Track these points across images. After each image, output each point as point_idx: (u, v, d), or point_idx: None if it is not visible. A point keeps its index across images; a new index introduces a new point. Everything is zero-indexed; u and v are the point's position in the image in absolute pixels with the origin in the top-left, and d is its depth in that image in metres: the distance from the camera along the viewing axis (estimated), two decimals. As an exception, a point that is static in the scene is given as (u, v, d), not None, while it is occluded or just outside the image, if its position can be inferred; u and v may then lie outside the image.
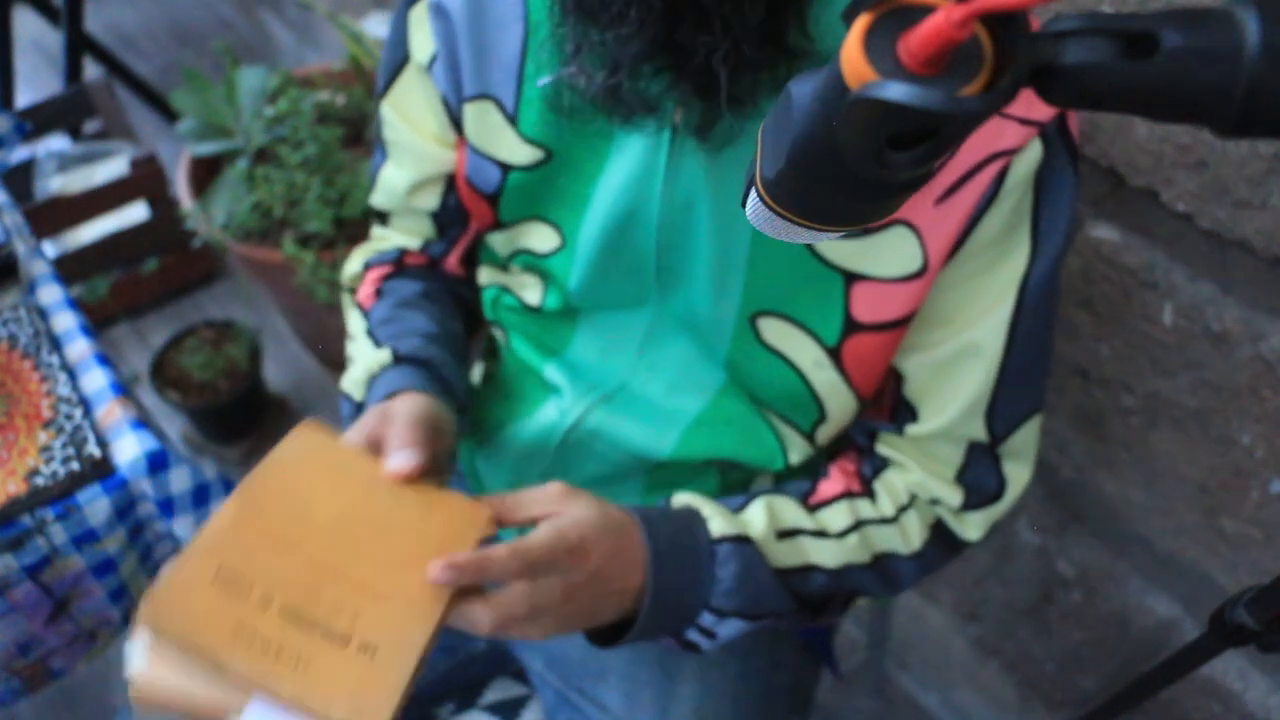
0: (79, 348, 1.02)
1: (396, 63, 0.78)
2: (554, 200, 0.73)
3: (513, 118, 0.71)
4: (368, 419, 0.65)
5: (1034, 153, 0.61)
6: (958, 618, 1.33)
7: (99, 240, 1.90)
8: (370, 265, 0.89)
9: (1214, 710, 1.01)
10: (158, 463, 0.94)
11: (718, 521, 0.68)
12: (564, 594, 0.59)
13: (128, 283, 2.00)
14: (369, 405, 0.71)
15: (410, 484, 0.61)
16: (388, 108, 0.81)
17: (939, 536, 0.76)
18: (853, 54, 0.33)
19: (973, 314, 0.67)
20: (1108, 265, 0.89)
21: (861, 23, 0.34)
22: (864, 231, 0.64)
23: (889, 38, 0.33)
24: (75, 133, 2.16)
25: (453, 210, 0.84)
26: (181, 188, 1.72)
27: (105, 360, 1.01)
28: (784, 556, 0.71)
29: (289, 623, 0.54)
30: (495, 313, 0.86)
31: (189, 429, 1.82)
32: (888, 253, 0.65)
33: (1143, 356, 0.91)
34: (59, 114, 1.97)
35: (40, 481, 0.90)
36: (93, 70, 2.32)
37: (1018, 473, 0.74)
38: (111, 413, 0.96)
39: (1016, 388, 0.69)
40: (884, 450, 0.76)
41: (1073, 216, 0.65)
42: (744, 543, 0.68)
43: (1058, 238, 0.65)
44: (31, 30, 2.57)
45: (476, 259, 0.88)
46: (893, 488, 0.76)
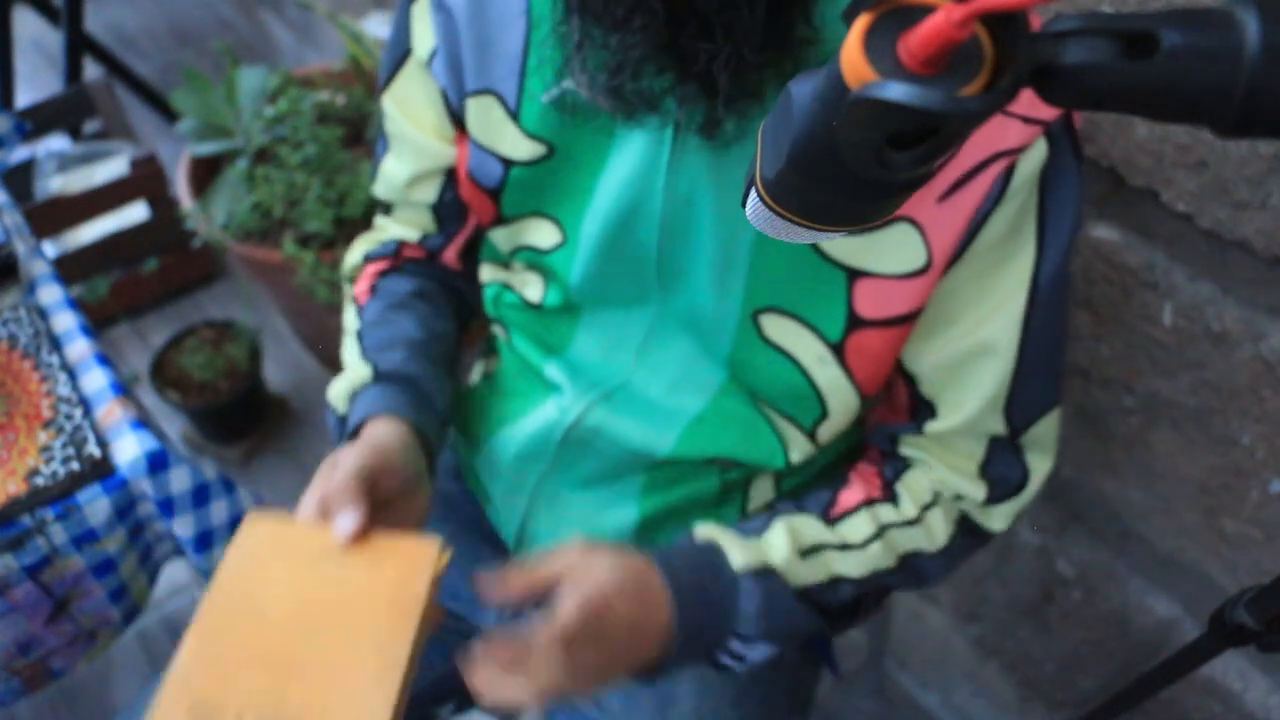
0: (79, 348, 1.02)
1: (398, 57, 0.78)
2: (556, 196, 0.73)
3: (515, 113, 0.71)
4: (319, 477, 0.66)
5: (1039, 152, 0.61)
6: (958, 618, 1.33)
7: (99, 240, 1.90)
8: (369, 258, 0.90)
9: (1214, 710, 1.01)
10: (158, 463, 0.94)
11: (738, 555, 0.70)
12: (599, 655, 0.62)
13: (128, 283, 2.00)
14: (350, 421, 0.74)
15: (360, 541, 0.61)
16: (389, 101, 0.81)
17: (964, 530, 0.77)
18: (853, 54, 0.33)
19: (983, 313, 0.67)
20: (1108, 265, 0.89)
21: (861, 23, 0.34)
22: (866, 230, 0.64)
23: (889, 38, 0.33)
24: (75, 133, 2.16)
25: (450, 204, 0.84)
26: (181, 188, 1.72)
27: (105, 360, 1.01)
28: (808, 574, 0.73)
29: None
30: (496, 310, 0.86)
31: (189, 429, 1.82)
32: (891, 249, 0.65)
33: (1143, 356, 0.91)
34: (59, 114, 1.97)
35: (40, 481, 0.90)
36: (93, 70, 2.32)
37: (1039, 462, 0.75)
38: (111, 413, 0.96)
39: (1033, 382, 0.70)
40: (906, 451, 0.77)
41: (1079, 212, 0.65)
42: (766, 574, 0.70)
43: (1064, 235, 0.65)
44: (31, 30, 2.57)
45: (476, 253, 0.89)
46: (915, 487, 0.77)
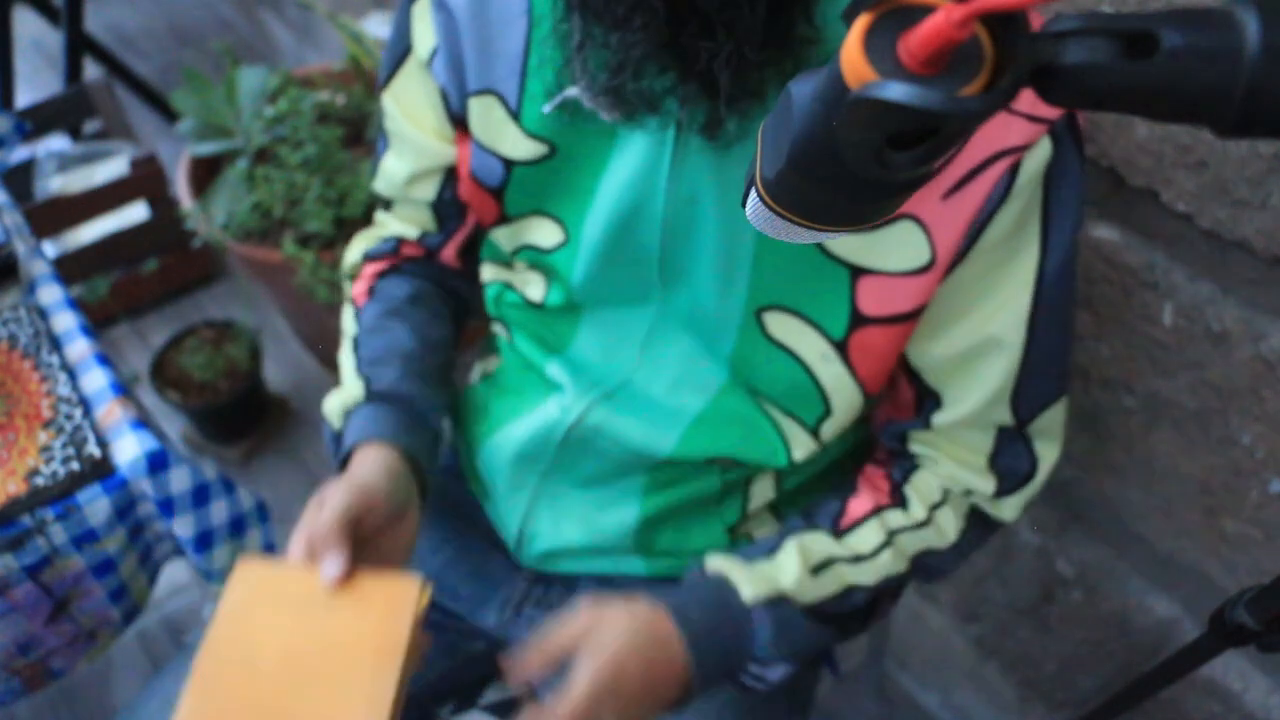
0: (79, 348, 1.02)
1: (398, 55, 0.78)
2: (558, 195, 0.73)
3: (515, 113, 0.71)
4: (307, 515, 0.68)
5: (1044, 150, 0.62)
6: (958, 618, 1.33)
7: (99, 240, 1.90)
8: (369, 257, 0.91)
9: (1214, 710, 1.01)
10: (158, 463, 0.94)
11: (749, 588, 0.73)
12: (620, 712, 0.66)
13: (128, 283, 2.00)
14: (344, 443, 0.76)
15: (345, 583, 0.64)
16: (389, 99, 0.81)
17: (975, 523, 0.78)
18: (853, 54, 0.33)
19: (988, 310, 0.67)
20: (1108, 265, 0.89)
21: (861, 23, 0.34)
22: (866, 230, 0.64)
23: (889, 38, 0.33)
24: (75, 133, 2.16)
25: (449, 203, 0.84)
26: (181, 188, 1.72)
27: (105, 360, 1.01)
28: (821, 589, 0.75)
29: None
30: (498, 309, 0.86)
31: (189, 429, 1.82)
32: (895, 247, 0.65)
33: (1143, 356, 0.90)
34: (59, 114, 1.97)
35: (40, 481, 0.90)
36: (93, 70, 2.32)
37: (1048, 451, 0.76)
38: (111, 413, 0.96)
39: (1040, 374, 0.70)
40: (915, 448, 0.77)
41: (1082, 208, 0.66)
42: (777, 602, 0.73)
43: (1068, 232, 0.66)
44: (31, 30, 2.57)
45: (475, 252, 0.89)
46: (924, 488, 0.77)
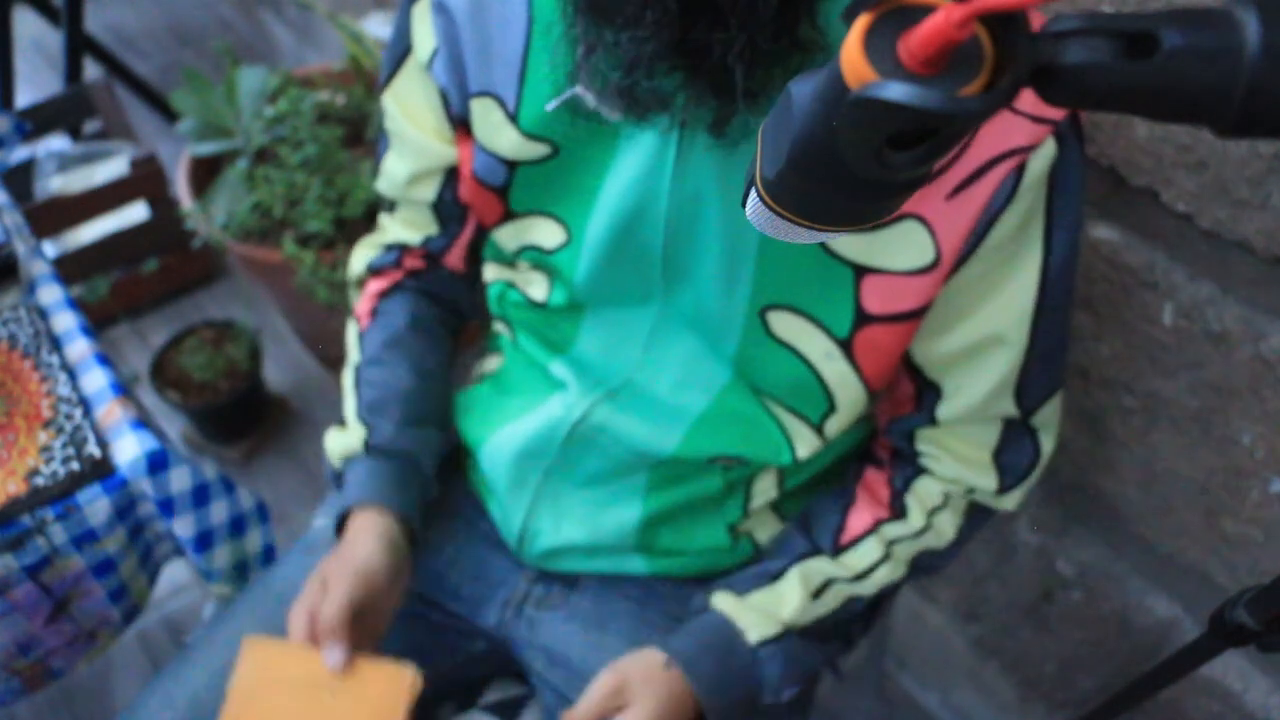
0: (79, 348, 1.02)
1: (399, 55, 0.79)
2: (560, 195, 0.73)
3: (514, 115, 0.71)
4: (309, 593, 0.77)
5: (1049, 150, 0.62)
6: (958, 618, 1.33)
7: (99, 240, 1.89)
8: (372, 270, 0.92)
9: (1214, 710, 1.01)
10: (158, 463, 0.94)
11: (755, 632, 0.78)
12: None
13: (128, 283, 2.00)
14: (345, 493, 0.83)
15: (346, 668, 0.74)
16: (389, 99, 0.82)
17: (973, 515, 0.80)
18: (853, 54, 0.33)
19: (993, 308, 0.68)
20: (1108, 265, 0.89)
21: (862, 22, 0.33)
22: (869, 229, 0.65)
23: (889, 38, 0.33)
24: (75, 133, 2.16)
25: (450, 203, 0.84)
26: (181, 188, 1.72)
27: (105, 360, 1.01)
28: (823, 607, 0.79)
29: None
30: (501, 308, 0.86)
31: (189, 429, 1.82)
32: (899, 246, 0.65)
33: (1143, 356, 0.90)
34: (59, 114, 1.97)
35: (40, 481, 0.90)
36: (93, 70, 2.32)
37: (1047, 442, 0.77)
38: (111, 413, 0.96)
39: (1042, 367, 0.71)
40: (921, 446, 0.78)
41: (1083, 206, 0.67)
42: (782, 638, 0.79)
43: (1071, 231, 0.66)
44: (31, 30, 2.57)
45: (479, 253, 0.89)
46: (924, 495, 0.79)
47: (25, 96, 2.34)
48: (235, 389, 1.73)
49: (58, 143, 2.11)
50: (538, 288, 0.80)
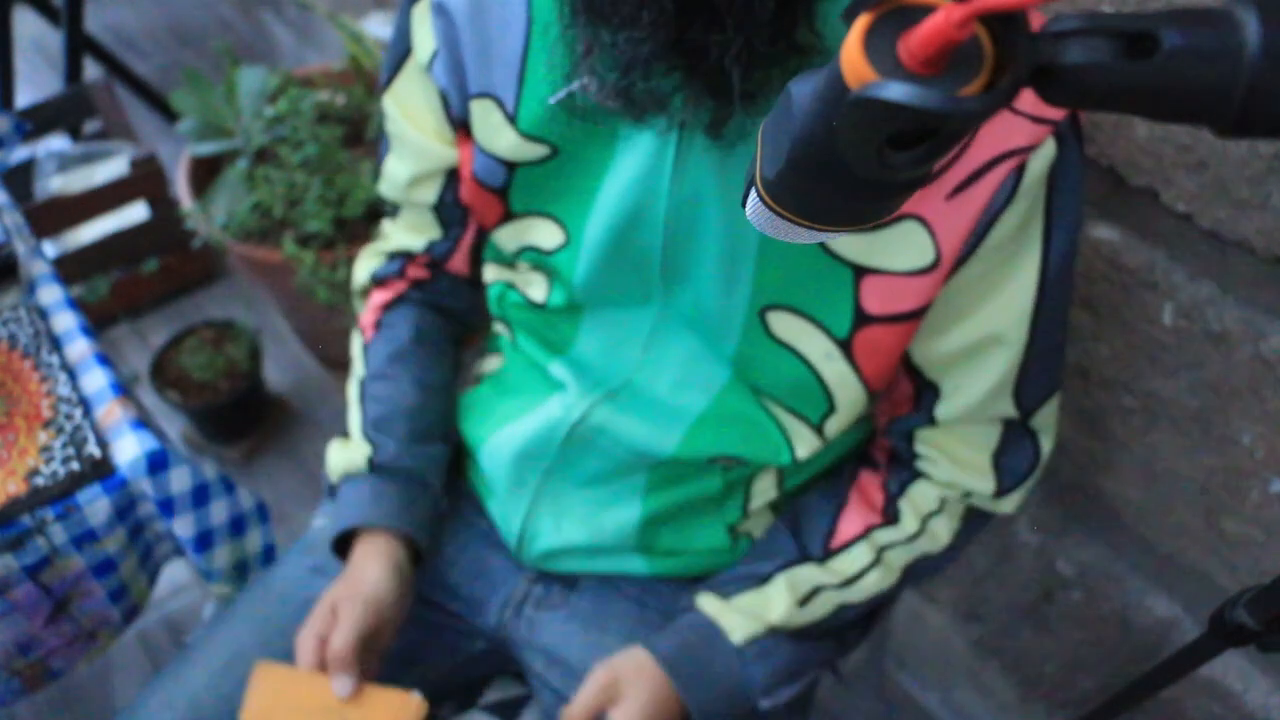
0: (79, 348, 1.02)
1: (399, 57, 0.79)
2: (559, 196, 0.73)
3: (513, 116, 0.71)
4: (317, 618, 0.79)
5: (1048, 151, 0.62)
6: (958, 618, 1.33)
7: (99, 240, 1.89)
8: (376, 280, 0.92)
9: (1214, 710, 1.01)
10: (158, 463, 0.94)
11: (739, 633, 0.79)
12: None
13: (128, 283, 2.00)
14: (349, 511, 0.84)
15: (354, 696, 0.77)
16: (390, 101, 0.82)
17: (970, 520, 0.80)
18: (853, 54, 0.33)
19: (992, 308, 0.68)
20: (1108, 265, 0.89)
21: (862, 22, 0.33)
22: (869, 229, 0.65)
23: (889, 38, 0.33)
24: (75, 133, 2.16)
25: (451, 205, 0.84)
26: (181, 188, 1.72)
27: (105, 360, 1.01)
28: (811, 614, 0.79)
29: None
30: (501, 309, 0.86)
31: (189, 429, 1.82)
32: (899, 246, 0.65)
33: (1143, 356, 0.90)
34: (59, 114, 1.96)
35: (40, 481, 0.90)
36: (93, 70, 2.32)
37: (1046, 444, 0.77)
38: (111, 413, 0.96)
39: (1041, 367, 0.71)
40: (919, 448, 0.78)
41: (1083, 206, 0.67)
42: (766, 638, 0.79)
43: (1070, 230, 0.66)
44: (31, 30, 2.57)
45: (483, 257, 0.89)
46: (919, 501, 0.79)
47: (25, 96, 2.33)
48: (235, 389, 1.73)
49: (58, 143, 2.11)
50: (537, 288, 0.80)
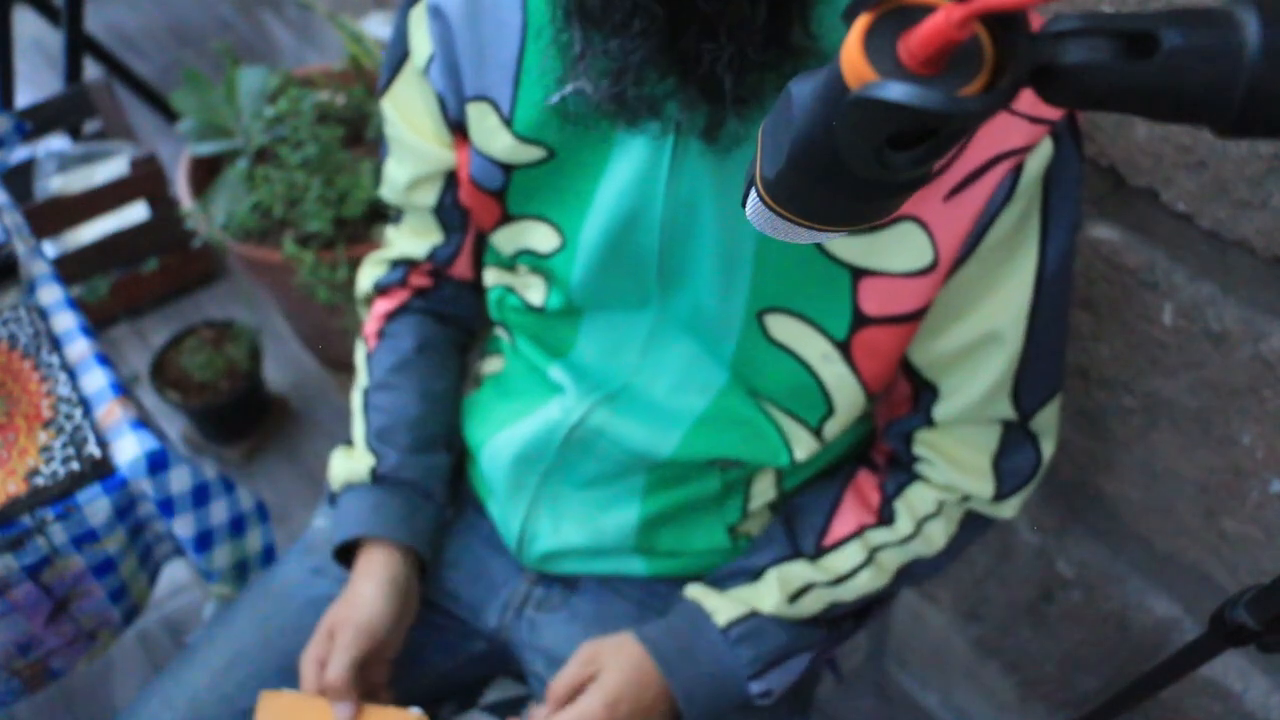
0: (79, 348, 1.02)
1: (397, 60, 0.79)
2: (555, 199, 0.73)
3: (508, 120, 0.71)
4: (318, 642, 0.80)
5: (1045, 151, 0.62)
6: (958, 618, 1.33)
7: (99, 240, 1.89)
8: (379, 289, 0.92)
9: (1214, 710, 1.01)
10: (158, 463, 0.94)
11: (722, 615, 0.79)
12: None
13: (128, 283, 2.00)
14: (350, 522, 0.84)
15: (357, 717, 0.79)
16: (388, 104, 0.82)
17: (968, 524, 0.79)
18: (853, 54, 0.33)
19: (989, 308, 0.68)
20: (1108, 265, 0.89)
21: (861, 23, 0.33)
22: (868, 229, 0.65)
23: (889, 38, 0.33)
24: (75, 133, 2.16)
25: (451, 208, 0.84)
26: (181, 188, 1.72)
27: (105, 360, 1.01)
28: (801, 610, 0.79)
29: None
30: (500, 313, 0.86)
31: (189, 429, 1.82)
32: (897, 248, 0.65)
33: (1143, 356, 0.90)
34: (59, 114, 1.96)
35: (40, 481, 0.90)
36: (93, 70, 2.32)
37: (1047, 447, 0.76)
38: (111, 413, 0.96)
39: (1039, 368, 0.71)
40: (918, 450, 0.77)
41: (1080, 206, 0.67)
42: (751, 619, 0.78)
43: (1067, 230, 0.66)
44: (31, 30, 2.57)
45: (484, 261, 0.89)
46: (915, 503, 0.78)
47: (25, 96, 2.34)
48: (235, 389, 1.73)
49: (58, 143, 2.11)
50: (535, 292, 0.80)
